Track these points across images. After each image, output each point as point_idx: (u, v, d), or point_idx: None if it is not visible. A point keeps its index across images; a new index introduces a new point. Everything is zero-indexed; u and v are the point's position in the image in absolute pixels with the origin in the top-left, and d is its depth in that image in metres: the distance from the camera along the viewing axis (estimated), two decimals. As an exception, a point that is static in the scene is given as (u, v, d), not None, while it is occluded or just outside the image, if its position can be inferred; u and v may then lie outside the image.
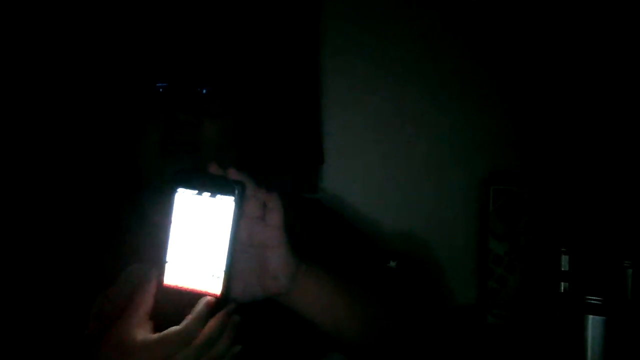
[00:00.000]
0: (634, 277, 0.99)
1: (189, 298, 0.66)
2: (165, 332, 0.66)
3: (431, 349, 0.89)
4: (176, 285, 0.67)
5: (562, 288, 1.04)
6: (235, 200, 0.67)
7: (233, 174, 0.69)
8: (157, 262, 0.67)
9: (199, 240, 0.67)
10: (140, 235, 0.88)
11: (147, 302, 0.67)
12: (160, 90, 0.86)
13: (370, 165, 1.24)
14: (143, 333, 0.66)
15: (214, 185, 0.67)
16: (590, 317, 0.98)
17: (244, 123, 0.93)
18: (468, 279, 1.23)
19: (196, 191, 0.67)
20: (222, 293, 0.66)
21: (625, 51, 1.20)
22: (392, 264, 0.94)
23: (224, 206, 0.67)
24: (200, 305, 0.66)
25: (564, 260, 1.05)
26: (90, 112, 1.12)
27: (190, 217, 0.67)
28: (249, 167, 0.74)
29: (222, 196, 0.67)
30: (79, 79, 1.12)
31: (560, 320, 1.02)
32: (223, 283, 0.66)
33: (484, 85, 1.24)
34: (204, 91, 0.86)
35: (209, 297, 0.66)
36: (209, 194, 0.67)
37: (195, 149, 0.85)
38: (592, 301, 0.99)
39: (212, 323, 0.66)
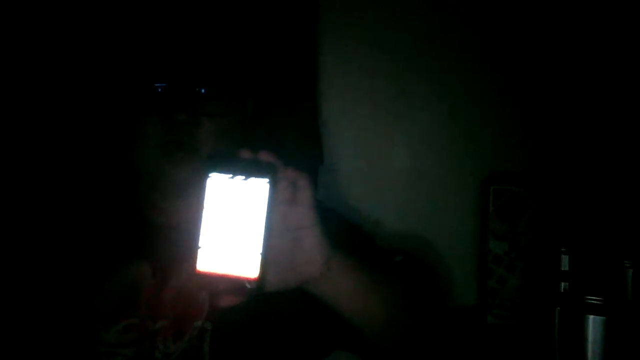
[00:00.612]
0: (634, 277, 0.99)
1: (224, 283, 0.66)
2: None
3: (435, 345, 0.90)
4: (210, 272, 0.66)
5: (562, 288, 1.04)
6: (270, 182, 0.67)
7: (265, 155, 0.69)
8: (191, 248, 0.67)
9: (234, 224, 0.67)
10: (139, 233, 0.88)
11: None
12: (159, 90, 0.86)
13: (369, 165, 1.24)
14: None
15: (246, 168, 0.67)
16: (590, 317, 0.98)
17: (243, 123, 0.93)
18: (468, 279, 1.23)
19: (230, 175, 0.67)
20: (259, 276, 0.66)
21: (625, 51, 1.20)
22: (398, 258, 0.95)
23: (257, 188, 0.67)
24: None
25: (564, 260, 1.05)
26: (88, 112, 1.12)
27: (224, 201, 0.67)
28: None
29: (256, 178, 0.67)
30: (77, 79, 1.12)
31: (560, 320, 1.02)
32: (260, 266, 0.66)
33: (485, 85, 1.24)
34: (202, 91, 0.86)
35: None
36: (243, 177, 0.67)
37: (194, 149, 0.85)
38: (592, 301, 0.99)
39: None
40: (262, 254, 0.66)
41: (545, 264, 1.12)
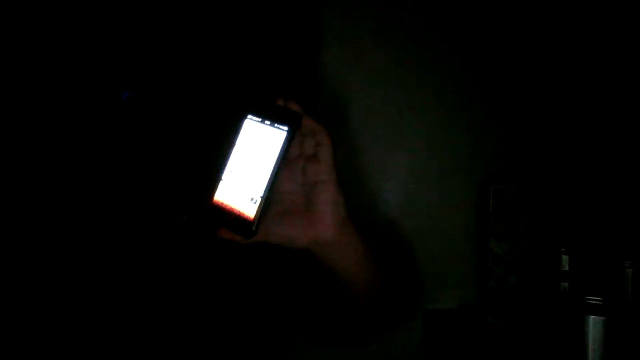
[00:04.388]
0: (634, 277, 0.99)
1: (230, 217, 0.70)
2: None
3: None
4: (223, 203, 0.70)
5: (562, 288, 1.04)
6: (288, 131, 0.69)
7: (293, 104, 0.70)
8: (214, 178, 0.71)
9: (251, 164, 0.70)
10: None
11: None
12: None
13: (369, 165, 1.24)
14: None
15: (275, 115, 0.71)
16: (590, 317, 0.98)
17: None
18: (468, 279, 1.23)
19: (259, 119, 0.71)
20: (255, 218, 0.68)
21: (624, 50, 1.20)
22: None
23: (278, 135, 0.70)
24: None
25: (564, 260, 1.05)
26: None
27: (249, 142, 0.71)
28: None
29: (280, 126, 0.70)
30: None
31: (560, 320, 1.02)
32: (258, 208, 0.68)
33: (485, 85, 1.24)
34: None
35: None
36: (269, 122, 0.70)
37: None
38: (592, 301, 0.99)
39: None
40: (262, 196, 0.68)
41: (545, 264, 1.12)
